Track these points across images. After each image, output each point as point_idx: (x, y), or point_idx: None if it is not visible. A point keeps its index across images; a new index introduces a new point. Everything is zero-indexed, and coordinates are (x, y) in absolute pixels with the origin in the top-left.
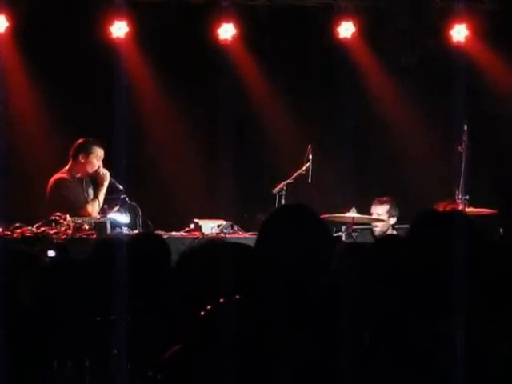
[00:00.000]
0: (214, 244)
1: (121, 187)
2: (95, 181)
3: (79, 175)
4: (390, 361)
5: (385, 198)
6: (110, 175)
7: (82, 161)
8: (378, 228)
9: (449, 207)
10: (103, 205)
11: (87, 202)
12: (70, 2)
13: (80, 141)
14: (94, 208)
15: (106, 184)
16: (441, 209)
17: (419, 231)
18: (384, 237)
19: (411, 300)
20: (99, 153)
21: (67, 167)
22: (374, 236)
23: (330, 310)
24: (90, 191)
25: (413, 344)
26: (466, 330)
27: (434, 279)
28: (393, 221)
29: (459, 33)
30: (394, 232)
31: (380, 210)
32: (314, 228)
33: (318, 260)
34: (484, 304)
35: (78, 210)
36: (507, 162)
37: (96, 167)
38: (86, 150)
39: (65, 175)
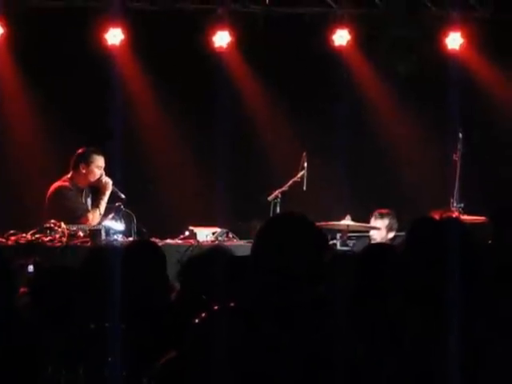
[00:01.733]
0: (213, 252)
1: (123, 196)
2: (96, 189)
3: (81, 185)
4: (386, 368)
5: (385, 211)
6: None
7: (83, 171)
8: (378, 239)
9: (444, 215)
10: None
11: (88, 211)
12: (66, 10)
13: (80, 150)
14: (94, 217)
15: (107, 192)
16: (437, 217)
17: (416, 238)
18: (375, 245)
19: (407, 306)
20: (99, 161)
21: (69, 176)
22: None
23: (325, 319)
24: (89, 201)
25: (408, 350)
26: (461, 335)
27: (430, 285)
28: (391, 235)
29: (454, 40)
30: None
31: (379, 224)
32: (309, 236)
33: (313, 268)
34: (479, 309)
35: (78, 218)
36: (502, 169)
37: (98, 176)
38: (86, 160)
39: (66, 183)
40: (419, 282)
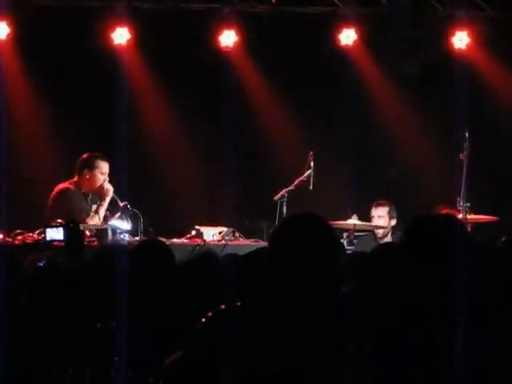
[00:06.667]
0: (208, 254)
1: (121, 204)
2: (97, 196)
3: (84, 190)
4: (391, 370)
5: (383, 201)
6: (114, 190)
7: (87, 177)
8: (381, 230)
9: (442, 211)
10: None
11: (88, 216)
12: (72, 9)
13: (85, 156)
14: (93, 222)
15: (107, 199)
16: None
17: (411, 236)
18: (381, 246)
19: (407, 307)
20: (103, 168)
21: (74, 180)
22: (376, 239)
23: (335, 320)
24: (93, 207)
25: (411, 352)
26: (462, 335)
27: (429, 285)
28: (393, 222)
29: (461, 40)
30: (392, 236)
31: (381, 212)
32: (325, 235)
33: (330, 267)
34: (480, 310)
35: (80, 221)
36: (509, 168)
37: (101, 181)
38: (90, 166)
39: (71, 186)
40: (417, 280)
